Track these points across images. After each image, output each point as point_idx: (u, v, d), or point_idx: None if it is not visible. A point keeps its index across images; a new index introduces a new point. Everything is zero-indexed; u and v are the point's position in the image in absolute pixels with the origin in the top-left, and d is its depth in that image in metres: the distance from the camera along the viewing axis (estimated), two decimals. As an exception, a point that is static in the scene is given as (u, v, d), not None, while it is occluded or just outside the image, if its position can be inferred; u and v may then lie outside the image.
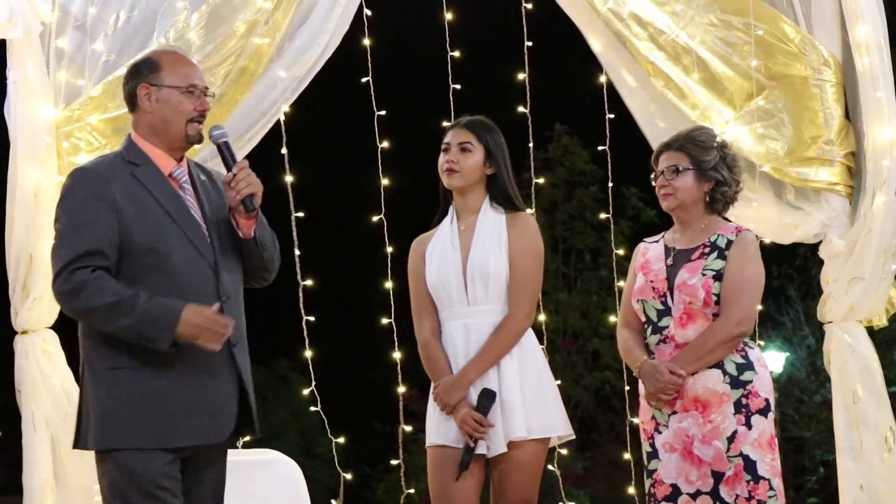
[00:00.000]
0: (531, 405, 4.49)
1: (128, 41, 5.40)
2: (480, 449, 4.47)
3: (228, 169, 4.06)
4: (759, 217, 5.66)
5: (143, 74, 4.08)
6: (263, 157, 5.51)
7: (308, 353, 5.97)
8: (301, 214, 5.88)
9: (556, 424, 4.55)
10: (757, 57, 5.65)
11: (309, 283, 5.95)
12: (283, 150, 5.84)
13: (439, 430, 4.56)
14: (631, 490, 6.20)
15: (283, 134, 5.79)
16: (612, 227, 6.38)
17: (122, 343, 3.85)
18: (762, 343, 4.61)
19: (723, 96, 5.73)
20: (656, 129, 5.81)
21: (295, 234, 5.84)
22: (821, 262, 5.75)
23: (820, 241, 5.69)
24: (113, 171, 3.98)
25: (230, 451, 5.61)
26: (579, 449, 13.21)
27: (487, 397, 4.45)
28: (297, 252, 5.87)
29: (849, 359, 5.54)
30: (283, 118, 5.73)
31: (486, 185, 4.68)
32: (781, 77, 5.67)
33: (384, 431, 13.81)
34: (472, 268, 4.57)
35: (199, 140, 4.11)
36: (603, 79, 5.99)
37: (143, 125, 4.08)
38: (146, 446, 3.85)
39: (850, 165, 5.66)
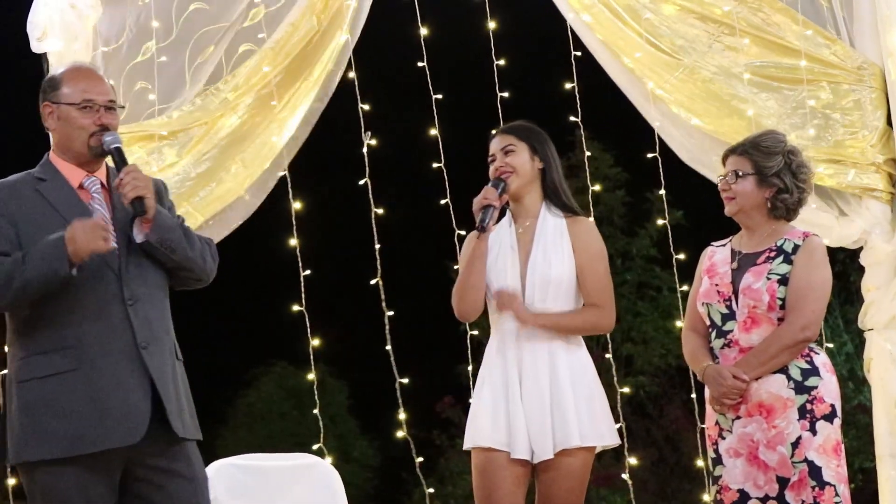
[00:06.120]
0: (584, 413, 4.45)
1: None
2: (524, 455, 4.43)
3: None
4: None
5: (46, 93, 4.04)
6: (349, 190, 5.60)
7: (403, 380, 6.20)
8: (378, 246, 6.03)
9: (605, 433, 4.51)
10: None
11: (391, 313, 6.07)
12: (366, 180, 5.95)
13: (484, 432, 4.48)
14: (705, 497, 6.12)
15: (367, 165, 5.91)
16: (669, 232, 6.24)
17: (32, 355, 3.85)
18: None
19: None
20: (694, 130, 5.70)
21: (379, 263, 5.99)
22: (860, 269, 5.71)
23: (860, 248, 5.65)
24: (16, 187, 3.98)
25: (270, 456, 5.58)
26: (616, 455, 13.18)
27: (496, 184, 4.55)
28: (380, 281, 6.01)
29: (890, 367, 5.51)
30: (366, 149, 5.90)
31: (542, 184, 4.65)
32: (819, 77, 5.66)
33: (418, 437, 13.78)
34: (532, 272, 4.52)
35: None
36: (651, 85, 5.84)
37: (54, 141, 4.07)
38: (58, 455, 3.81)
39: (890, 172, 5.63)
